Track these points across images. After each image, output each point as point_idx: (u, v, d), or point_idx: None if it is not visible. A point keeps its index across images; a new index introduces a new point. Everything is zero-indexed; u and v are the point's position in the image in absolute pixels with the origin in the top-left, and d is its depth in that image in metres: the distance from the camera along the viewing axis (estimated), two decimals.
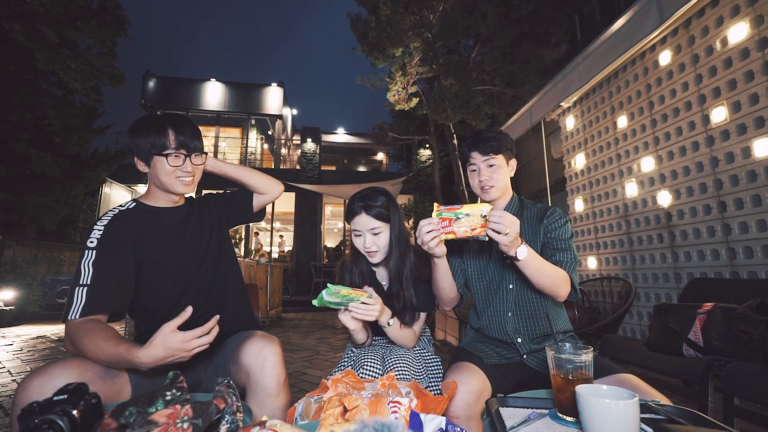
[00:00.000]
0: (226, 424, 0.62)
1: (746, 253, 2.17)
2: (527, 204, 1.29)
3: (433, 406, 0.79)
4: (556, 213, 1.21)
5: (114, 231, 1.01)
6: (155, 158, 1.04)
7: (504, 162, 1.22)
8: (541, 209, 1.25)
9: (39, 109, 6.04)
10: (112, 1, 6.24)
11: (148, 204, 1.12)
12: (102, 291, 0.93)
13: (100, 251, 0.97)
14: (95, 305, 0.91)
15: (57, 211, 6.84)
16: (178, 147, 1.05)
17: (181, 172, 1.07)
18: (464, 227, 0.96)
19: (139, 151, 1.05)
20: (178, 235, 1.13)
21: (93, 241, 0.98)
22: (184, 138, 1.06)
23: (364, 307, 1.07)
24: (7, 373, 2.85)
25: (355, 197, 1.23)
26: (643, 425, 0.66)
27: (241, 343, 1.01)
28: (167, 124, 1.05)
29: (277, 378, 0.95)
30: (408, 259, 1.25)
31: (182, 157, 1.06)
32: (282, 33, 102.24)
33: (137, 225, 1.06)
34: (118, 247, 1.00)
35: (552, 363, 0.76)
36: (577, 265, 1.16)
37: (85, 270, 0.94)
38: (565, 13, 6.05)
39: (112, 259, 0.98)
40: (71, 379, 0.80)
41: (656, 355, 1.66)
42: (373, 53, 7.12)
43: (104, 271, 0.95)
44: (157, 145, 1.03)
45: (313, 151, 11.68)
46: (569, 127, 3.96)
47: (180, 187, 1.09)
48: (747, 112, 2.16)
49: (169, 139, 1.04)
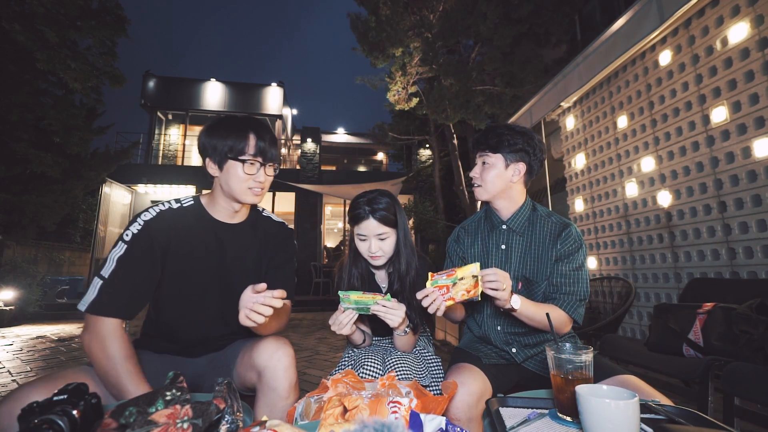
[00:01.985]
0: (226, 424, 0.62)
1: (746, 253, 2.17)
2: (541, 214, 1.17)
3: (433, 406, 0.79)
4: (571, 237, 1.10)
5: (149, 232, 0.97)
6: (229, 162, 0.99)
7: (501, 162, 1.11)
8: (557, 226, 1.13)
9: (39, 109, 6.04)
10: (112, 1, 6.24)
11: (207, 211, 1.07)
12: (114, 293, 0.91)
13: (129, 249, 0.94)
14: (101, 307, 0.89)
15: (57, 211, 6.84)
16: (256, 154, 0.99)
17: (253, 182, 1.01)
18: (461, 291, 0.92)
19: (214, 152, 0.99)
20: (216, 252, 1.06)
21: (128, 234, 0.95)
22: (264, 144, 1.00)
23: (384, 310, 1.04)
24: (7, 373, 2.85)
25: (361, 201, 1.18)
26: (643, 425, 0.66)
27: (253, 344, 0.99)
28: (249, 128, 1.00)
29: (289, 380, 0.94)
30: (413, 264, 1.22)
31: (257, 164, 1.01)
32: (282, 33, 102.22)
33: (177, 228, 1.01)
34: (149, 249, 0.96)
35: (552, 363, 0.76)
36: (586, 297, 1.08)
37: (110, 262, 0.92)
38: (565, 13, 6.05)
39: (138, 261, 0.94)
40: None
41: (656, 355, 1.66)
42: (373, 53, 7.12)
43: (125, 271, 0.92)
44: (236, 149, 0.98)
45: (313, 151, 11.67)
46: (569, 127, 3.96)
47: (250, 197, 1.03)
48: (747, 112, 2.15)
49: (249, 144, 0.99)
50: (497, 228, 1.19)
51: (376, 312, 1.05)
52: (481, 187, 1.14)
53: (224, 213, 1.08)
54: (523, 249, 1.15)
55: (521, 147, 1.10)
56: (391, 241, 1.18)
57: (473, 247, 1.23)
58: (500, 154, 1.11)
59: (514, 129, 1.12)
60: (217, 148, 0.99)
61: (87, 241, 9.17)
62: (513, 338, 1.14)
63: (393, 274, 1.24)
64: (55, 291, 7.22)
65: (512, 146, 1.10)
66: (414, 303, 1.20)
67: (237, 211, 1.09)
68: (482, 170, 1.14)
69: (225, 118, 1.04)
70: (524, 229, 1.15)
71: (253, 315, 0.84)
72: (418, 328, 1.22)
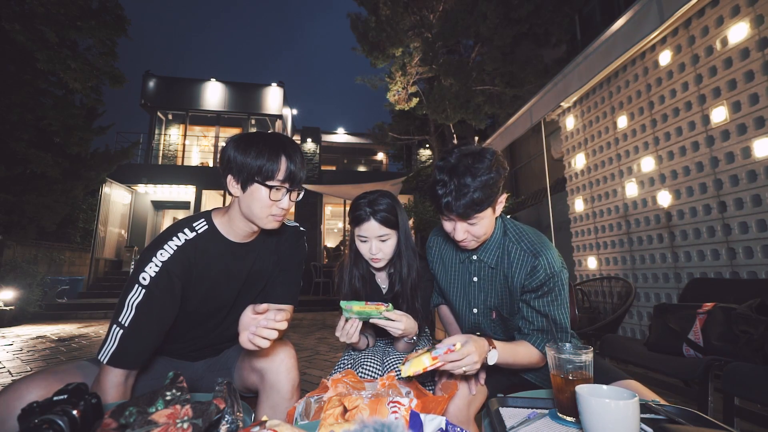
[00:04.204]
0: (226, 424, 0.62)
1: (746, 253, 2.17)
2: (512, 238, 1.03)
3: (433, 405, 0.79)
4: (539, 273, 0.95)
5: (168, 273, 0.90)
6: (255, 185, 0.91)
7: (490, 212, 0.95)
8: (527, 257, 0.98)
9: (39, 109, 6.03)
10: (112, 1, 6.24)
11: (222, 233, 1.00)
12: (135, 344, 0.86)
13: (148, 295, 0.87)
14: (122, 359, 0.85)
15: (57, 211, 6.84)
16: (285, 180, 0.92)
17: (277, 209, 0.94)
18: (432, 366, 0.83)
19: (241, 172, 0.90)
20: (236, 273, 1.03)
21: (146, 279, 0.87)
22: (294, 169, 0.93)
23: (386, 322, 1.03)
24: (7, 373, 2.85)
25: (362, 202, 1.16)
26: (643, 425, 0.66)
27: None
28: (281, 150, 0.92)
29: (292, 381, 0.94)
30: (414, 267, 1.20)
31: (284, 190, 0.94)
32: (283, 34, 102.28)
33: (196, 261, 0.95)
34: (169, 290, 0.90)
35: (552, 363, 0.76)
36: (563, 331, 0.97)
37: (127, 308, 0.86)
38: (565, 13, 6.05)
39: (159, 306, 0.89)
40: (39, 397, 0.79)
41: (656, 355, 1.66)
42: (373, 53, 7.12)
43: (146, 320, 0.87)
44: (264, 172, 0.89)
45: (313, 151, 11.68)
46: (569, 127, 3.96)
47: (270, 224, 0.96)
48: (747, 112, 2.15)
49: (281, 168, 0.91)
50: (468, 257, 1.10)
51: (377, 323, 1.04)
52: (473, 241, 0.99)
53: (241, 234, 1.02)
54: (495, 282, 1.06)
55: (496, 180, 0.91)
56: (392, 243, 1.17)
57: (443, 273, 1.19)
58: (487, 207, 0.92)
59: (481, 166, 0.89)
60: (244, 167, 0.90)
61: (87, 241, 9.16)
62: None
63: (394, 275, 1.23)
64: (55, 291, 7.21)
65: (492, 189, 0.90)
66: (416, 305, 1.19)
67: (255, 232, 1.03)
68: (470, 229, 0.95)
69: (257, 135, 0.95)
70: (496, 262, 1.04)
71: (258, 340, 0.80)
72: (420, 331, 1.22)
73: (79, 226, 9.31)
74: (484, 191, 0.88)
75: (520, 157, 8.86)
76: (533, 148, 7.75)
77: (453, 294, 1.16)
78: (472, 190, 0.87)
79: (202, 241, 0.97)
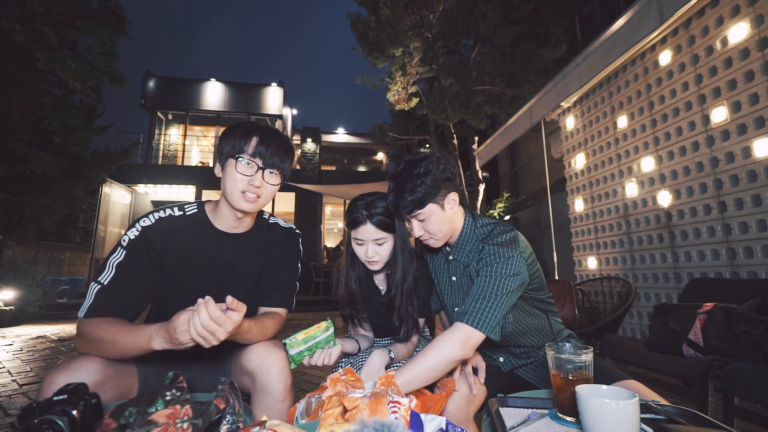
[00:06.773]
0: (226, 424, 0.62)
1: (746, 253, 2.17)
2: (481, 232, 1.05)
3: (432, 404, 0.79)
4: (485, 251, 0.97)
5: (145, 238, 0.95)
6: (229, 161, 0.96)
7: (435, 208, 0.99)
8: (482, 238, 1.02)
9: (39, 109, 6.04)
10: (112, 1, 6.24)
11: (210, 220, 1.04)
12: (111, 298, 0.89)
13: (128, 255, 0.93)
14: (99, 309, 0.88)
15: (57, 211, 6.84)
16: (254, 155, 0.96)
17: (248, 185, 0.96)
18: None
19: (221, 154, 0.98)
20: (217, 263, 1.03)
21: (125, 240, 0.94)
22: (264, 149, 0.96)
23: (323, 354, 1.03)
24: (7, 373, 2.84)
25: (359, 205, 1.14)
26: (643, 425, 0.66)
27: (245, 349, 0.98)
28: (255, 130, 0.97)
29: (284, 383, 0.93)
30: (410, 272, 1.18)
31: (255, 166, 0.96)
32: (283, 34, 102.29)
33: (175, 236, 0.99)
34: (145, 253, 0.95)
35: (552, 363, 0.76)
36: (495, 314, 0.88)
37: (108, 268, 0.91)
38: (565, 13, 6.05)
39: (137, 266, 0.93)
40: (94, 374, 0.80)
41: (656, 355, 1.66)
42: (373, 53, 7.12)
43: (124, 277, 0.91)
44: (235, 147, 0.96)
45: (313, 151, 11.67)
46: (569, 127, 3.96)
47: (243, 202, 0.97)
48: (747, 112, 2.16)
49: (250, 144, 0.96)
50: (446, 257, 1.14)
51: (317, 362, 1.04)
52: (432, 239, 1.04)
53: (227, 222, 1.04)
54: (469, 282, 1.08)
55: (435, 179, 0.96)
56: (388, 246, 1.15)
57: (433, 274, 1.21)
58: (429, 203, 0.98)
59: (418, 170, 0.97)
60: (223, 149, 0.97)
61: (87, 241, 9.18)
62: (499, 347, 1.12)
63: (391, 278, 1.23)
64: (55, 291, 7.22)
65: (433, 187, 0.96)
66: (410, 310, 1.17)
67: (240, 219, 1.04)
68: (423, 225, 1.01)
69: (242, 122, 1.02)
70: (469, 259, 1.06)
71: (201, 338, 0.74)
72: (411, 334, 1.21)
73: (79, 226, 9.33)
74: (421, 189, 0.96)
75: (520, 157, 8.86)
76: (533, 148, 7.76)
77: (442, 294, 1.19)
78: (408, 189, 0.97)
79: (187, 222, 1.02)
